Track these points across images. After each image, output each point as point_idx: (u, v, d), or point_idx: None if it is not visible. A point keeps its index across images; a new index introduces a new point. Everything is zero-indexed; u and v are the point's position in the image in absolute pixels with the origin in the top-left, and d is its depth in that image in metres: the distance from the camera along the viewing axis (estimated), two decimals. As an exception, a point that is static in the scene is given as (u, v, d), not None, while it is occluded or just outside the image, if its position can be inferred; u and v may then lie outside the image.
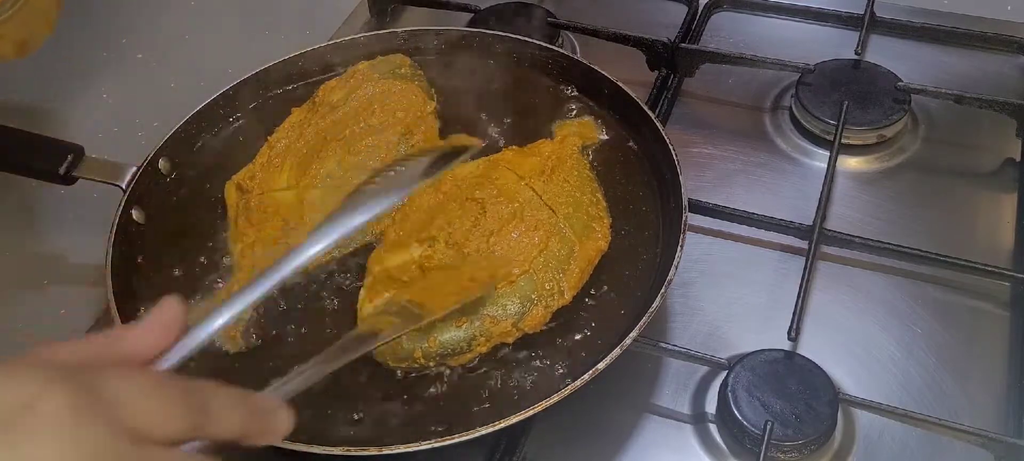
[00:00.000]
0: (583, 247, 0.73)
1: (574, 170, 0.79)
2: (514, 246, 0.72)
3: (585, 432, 0.71)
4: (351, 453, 0.62)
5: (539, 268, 0.71)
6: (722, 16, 1.08)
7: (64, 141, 0.82)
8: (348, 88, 0.86)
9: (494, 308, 0.69)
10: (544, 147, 0.81)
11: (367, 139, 0.82)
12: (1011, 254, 0.81)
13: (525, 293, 0.70)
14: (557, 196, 0.76)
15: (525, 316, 0.69)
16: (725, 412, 0.69)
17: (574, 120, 0.86)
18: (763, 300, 0.79)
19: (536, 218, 0.73)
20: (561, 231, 0.73)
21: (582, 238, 0.73)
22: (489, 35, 0.93)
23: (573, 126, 0.86)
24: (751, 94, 0.99)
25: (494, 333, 0.68)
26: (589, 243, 0.74)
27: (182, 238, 0.79)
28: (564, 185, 0.77)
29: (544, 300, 0.70)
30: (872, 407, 0.69)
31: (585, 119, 0.86)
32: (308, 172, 0.80)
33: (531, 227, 0.72)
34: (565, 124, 0.86)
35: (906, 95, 0.92)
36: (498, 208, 0.74)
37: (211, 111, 0.87)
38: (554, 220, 0.73)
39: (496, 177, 0.77)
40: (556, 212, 0.74)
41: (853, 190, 0.88)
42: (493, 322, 0.68)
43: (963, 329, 0.76)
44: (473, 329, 0.68)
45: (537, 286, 0.70)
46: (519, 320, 0.69)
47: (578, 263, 0.72)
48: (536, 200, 0.75)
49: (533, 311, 0.69)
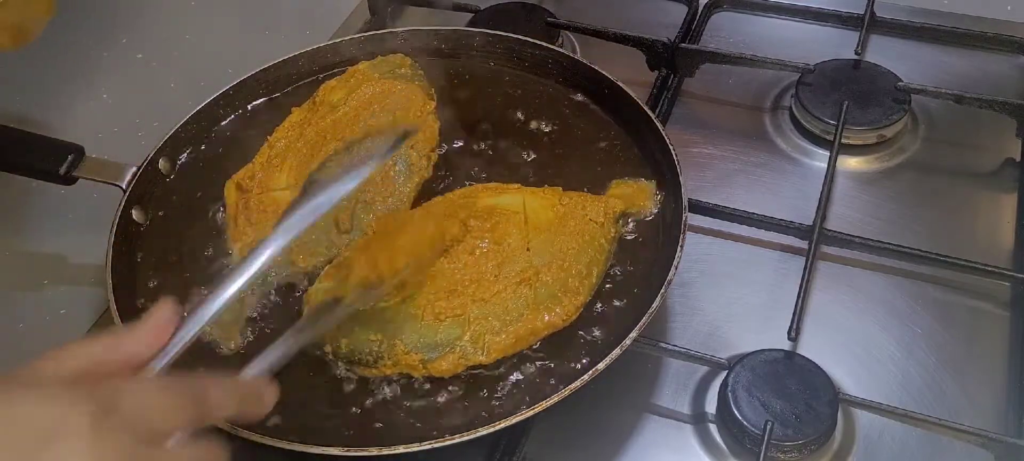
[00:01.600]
0: (533, 314, 0.68)
1: (588, 235, 0.73)
2: (467, 275, 0.69)
3: (585, 432, 0.71)
4: (351, 453, 0.62)
5: (474, 316, 0.68)
6: (722, 16, 1.08)
7: (64, 141, 0.82)
8: (348, 88, 0.87)
9: (411, 335, 0.67)
10: (576, 199, 0.76)
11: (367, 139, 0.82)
12: (1011, 254, 0.81)
13: (446, 335, 0.67)
14: (546, 255, 0.71)
15: (436, 359, 0.67)
16: (725, 412, 0.69)
17: (632, 182, 0.79)
18: (763, 300, 0.79)
19: (505, 264, 0.70)
20: (518, 290, 0.69)
21: (539, 305, 0.69)
22: (489, 35, 0.93)
23: (628, 188, 0.79)
24: (751, 94, 0.99)
25: (401, 361, 0.67)
26: (542, 313, 0.69)
27: (182, 238, 0.79)
28: (565, 245, 0.72)
29: (461, 351, 0.67)
30: (872, 407, 0.69)
31: (645, 184, 0.79)
32: (308, 171, 0.80)
33: (494, 267, 0.70)
34: (622, 183, 0.79)
35: (906, 95, 0.92)
36: (476, 241, 0.71)
37: (211, 111, 0.87)
38: (518, 277, 0.70)
39: (504, 212, 0.74)
40: (526, 270, 0.70)
41: (853, 190, 0.88)
42: (404, 350, 0.67)
43: (963, 329, 0.76)
44: (382, 348, 0.67)
45: (461, 333, 0.67)
46: (428, 360, 0.67)
47: (518, 330, 0.68)
48: (521, 251, 0.71)
49: (446, 357, 0.67)
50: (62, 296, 0.84)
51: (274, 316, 0.73)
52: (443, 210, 0.76)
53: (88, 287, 0.83)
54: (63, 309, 0.83)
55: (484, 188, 0.79)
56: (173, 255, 0.78)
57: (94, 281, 0.83)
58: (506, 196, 0.77)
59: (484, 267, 0.70)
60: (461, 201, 0.77)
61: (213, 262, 0.77)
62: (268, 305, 0.74)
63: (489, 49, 0.93)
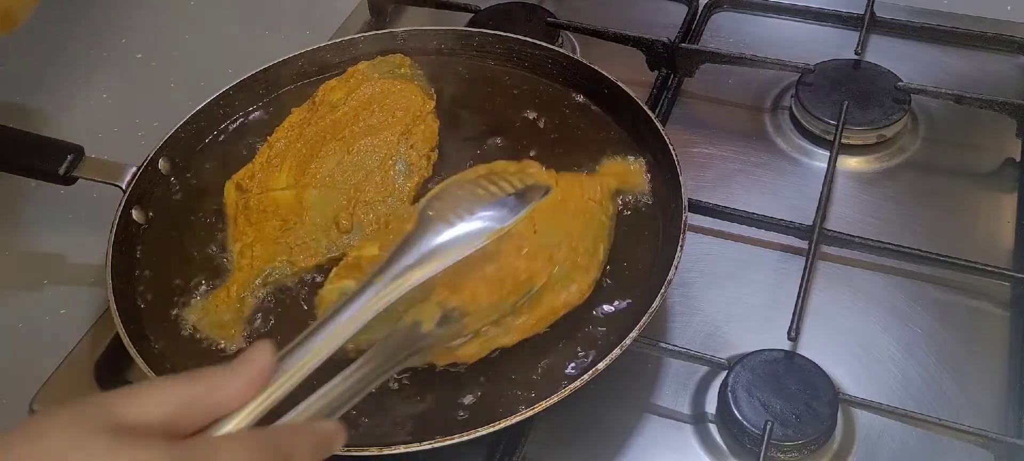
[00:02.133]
0: (550, 294, 0.69)
1: (588, 213, 0.74)
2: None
3: (585, 432, 0.71)
4: (351, 453, 0.62)
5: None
6: (722, 16, 1.08)
7: (64, 141, 0.82)
8: (348, 88, 0.87)
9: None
10: (572, 179, 0.76)
11: (367, 138, 0.82)
12: (1011, 254, 0.81)
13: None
14: (553, 236, 0.71)
15: (463, 346, 0.66)
16: (725, 412, 0.69)
17: (621, 161, 0.81)
18: (763, 300, 0.79)
19: (518, 247, 0.69)
20: (530, 271, 0.69)
21: (556, 284, 0.69)
22: (489, 35, 0.93)
23: (619, 167, 0.81)
24: (751, 94, 0.99)
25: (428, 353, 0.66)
26: (559, 292, 0.69)
27: (182, 238, 0.79)
28: (569, 225, 0.72)
29: (484, 335, 0.67)
30: (872, 407, 0.69)
31: (634, 161, 0.81)
32: (307, 171, 0.80)
33: (509, 253, 0.69)
34: (612, 163, 0.81)
35: (906, 95, 0.92)
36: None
37: (211, 111, 0.87)
38: (539, 256, 0.69)
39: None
40: (539, 251, 0.70)
41: (853, 190, 0.88)
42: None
43: (963, 329, 0.76)
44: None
45: (484, 316, 0.67)
46: (455, 348, 0.66)
47: (538, 309, 0.68)
48: (528, 233, 0.71)
49: (472, 343, 0.67)
50: (62, 296, 0.84)
51: (275, 316, 0.73)
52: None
53: (88, 287, 0.83)
54: (63, 309, 0.83)
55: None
56: (173, 255, 0.78)
57: (94, 281, 0.83)
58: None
59: (503, 252, 0.69)
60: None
61: (213, 262, 0.77)
62: (268, 305, 0.74)
63: (489, 49, 0.93)
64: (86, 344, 0.79)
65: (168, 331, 0.72)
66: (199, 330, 0.72)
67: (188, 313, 0.73)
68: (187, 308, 0.74)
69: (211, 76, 0.93)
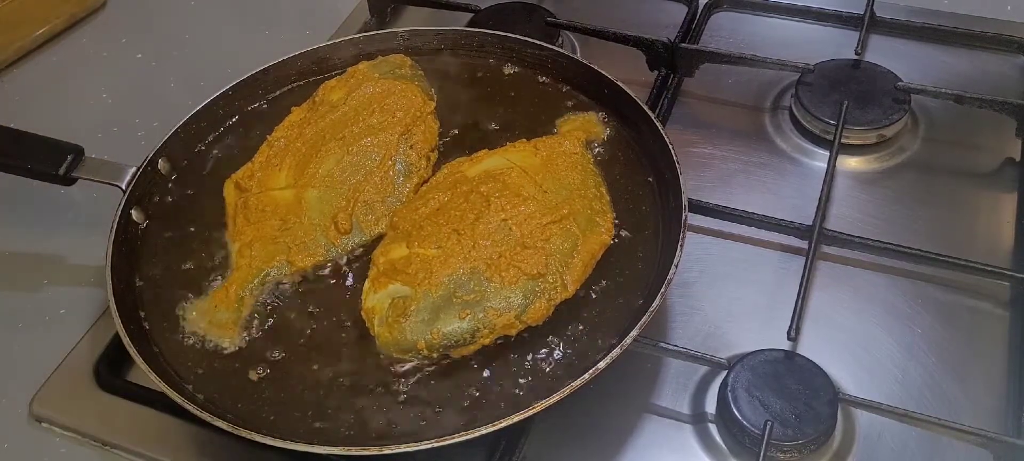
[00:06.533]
0: (587, 241, 0.73)
1: (578, 165, 0.79)
2: (523, 230, 0.72)
3: (585, 432, 0.71)
4: (351, 453, 0.62)
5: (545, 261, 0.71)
6: (722, 16, 1.08)
7: (64, 141, 0.82)
8: (348, 88, 0.87)
9: (498, 300, 0.69)
10: (548, 142, 0.81)
11: (366, 138, 0.82)
12: (1011, 254, 0.81)
13: (528, 286, 0.70)
14: (561, 190, 0.76)
15: (528, 309, 0.69)
16: (725, 412, 0.69)
17: (578, 116, 0.86)
18: (763, 300, 0.79)
19: (539, 210, 0.74)
20: (564, 225, 0.73)
21: (586, 232, 0.74)
22: (489, 35, 0.93)
23: (577, 121, 0.86)
24: (751, 94, 0.99)
25: (497, 325, 0.69)
26: (593, 237, 0.74)
27: (182, 238, 0.79)
28: (568, 179, 0.77)
29: (547, 293, 0.70)
30: (872, 407, 0.69)
31: (588, 115, 0.86)
32: (307, 171, 0.80)
33: (537, 214, 0.73)
34: (569, 119, 0.86)
35: (906, 95, 0.92)
36: (502, 202, 0.74)
37: (211, 111, 0.87)
38: (557, 214, 0.74)
39: (501, 172, 0.77)
40: (560, 206, 0.74)
41: (853, 190, 0.88)
42: (496, 314, 0.69)
43: (963, 329, 0.76)
44: (476, 321, 0.68)
45: (541, 279, 0.70)
46: (522, 313, 0.69)
47: (581, 257, 0.73)
48: (540, 194, 0.75)
49: (536, 304, 0.70)
50: (62, 296, 0.84)
51: (273, 316, 0.73)
52: (448, 198, 0.76)
53: (88, 287, 0.83)
54: (63, 309, 0.83)
55: (458, 165, 0.81)
56: (173, 255, 0.78)
57: (94, 281, 0.83)
58: (489, 160, 0.80)
59: (531, 217, 0.73)
60: (448, 182, 0.78)
61: (213, 261, 0.77)
62: (267, 305, 0.74)
63: (489, 49, 0.93)
64: (86, 344, 0.79)
65: (168, 331, 0.72)
66: (198, 329, 0.72)
67: (187, 312, 0.73)
68: (186, 307, 0.74)
69: (211, 76, 0.93)
